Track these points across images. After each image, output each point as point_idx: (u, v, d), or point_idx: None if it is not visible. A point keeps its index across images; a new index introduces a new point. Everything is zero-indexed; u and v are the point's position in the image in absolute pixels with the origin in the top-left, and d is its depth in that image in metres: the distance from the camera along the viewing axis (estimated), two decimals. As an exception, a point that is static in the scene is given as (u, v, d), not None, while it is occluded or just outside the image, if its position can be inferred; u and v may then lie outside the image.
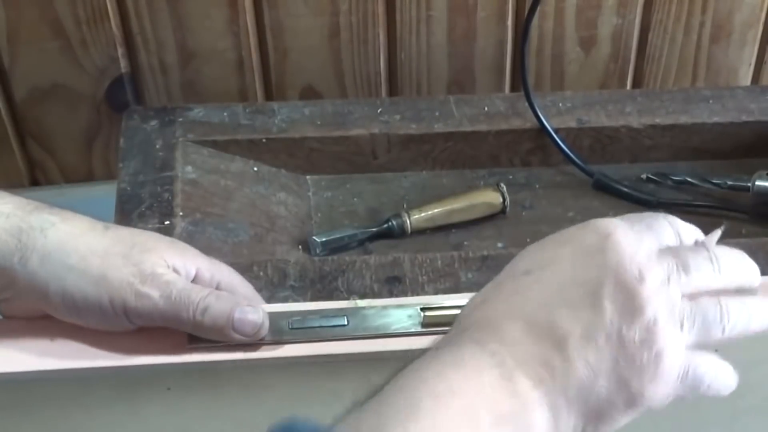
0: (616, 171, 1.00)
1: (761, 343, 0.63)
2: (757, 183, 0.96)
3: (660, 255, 0.54)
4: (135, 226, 0.86)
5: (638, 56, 1.13)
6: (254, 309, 0.63)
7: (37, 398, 0.62)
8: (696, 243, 0.57)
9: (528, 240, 0.93)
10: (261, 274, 0.82)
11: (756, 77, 1.16)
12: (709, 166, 1.02)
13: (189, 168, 0.93)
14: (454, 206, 0.95)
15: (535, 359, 0.52)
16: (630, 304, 0.52)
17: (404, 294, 0.80)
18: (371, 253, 0.92)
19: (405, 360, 0.52)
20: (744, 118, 1.01)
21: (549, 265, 0.55)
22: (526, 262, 0.56)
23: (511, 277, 0.56)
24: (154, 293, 0.60)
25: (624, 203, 0.97)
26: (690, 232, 0.57)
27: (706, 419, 0.68)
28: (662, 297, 0.52)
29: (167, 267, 0.62)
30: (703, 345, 0.54)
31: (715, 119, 1.01)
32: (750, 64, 1.15)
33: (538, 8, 0.97)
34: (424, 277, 0.82)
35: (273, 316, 0.63)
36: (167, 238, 0.66)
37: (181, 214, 0.88)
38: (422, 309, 0.65)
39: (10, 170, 1.12)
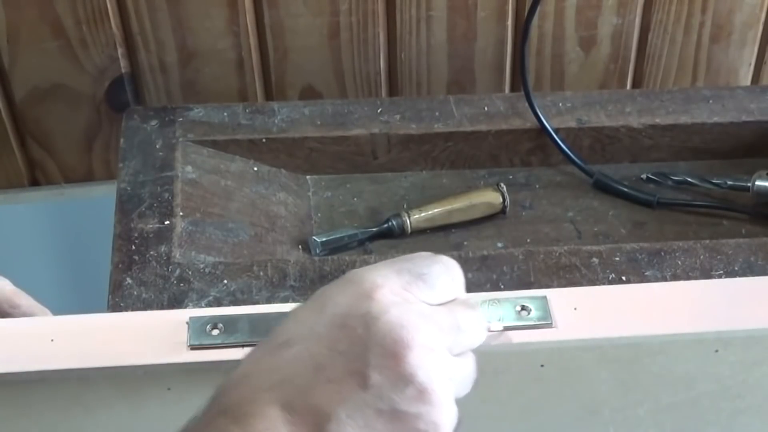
0: (616, 171, 1.00)
1: (761, 343, 0.63)
2: (757, 183, 0.96)
3: (430, 315, 0.51)
4: (135, 226, 0.87)
5: (638, 56, 1.13)
6: None
7: (37, 398, 0.62)
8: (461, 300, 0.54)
9: (528, 240, 0.94)
10: (261, 274, 0.82)
11: (756, 77, 1.16)
12: (709, 166, 1.02)
13: (189, 168, 0.93)
14: (454, 206, 0.94)
15: None
16: (398, 372, 0.48)
17: (404, 294, 0.80)
18: (371, 253, 0.92)
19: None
20: (744, 118, 1.01)
21: (308, 336, 0.49)
22: (287, 331, 0.51)
23: (273, 349, 0.50)
24: None
25: (624, 203, 0.97)
26: (460, 278, 0.55)
27: (706, 419, 0.68)
28: (431, 361, 0.49)
29: None
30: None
31: (715, 119, 1.01)
32: (750, 64, 1.15)
33: (538, 8, 0.97)
34: (424, 277, 0.82)
35: (273, 317, 0.63)
36: None
37: (181, 214, 0.88)
38: (422, 309, 0.65)
39: (10, 170, 1.12)
